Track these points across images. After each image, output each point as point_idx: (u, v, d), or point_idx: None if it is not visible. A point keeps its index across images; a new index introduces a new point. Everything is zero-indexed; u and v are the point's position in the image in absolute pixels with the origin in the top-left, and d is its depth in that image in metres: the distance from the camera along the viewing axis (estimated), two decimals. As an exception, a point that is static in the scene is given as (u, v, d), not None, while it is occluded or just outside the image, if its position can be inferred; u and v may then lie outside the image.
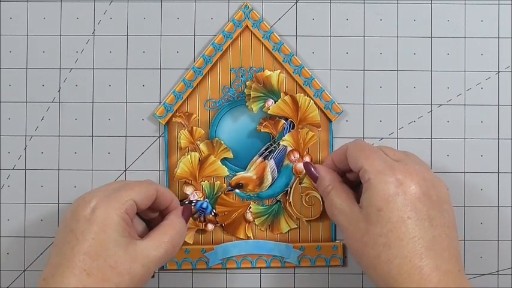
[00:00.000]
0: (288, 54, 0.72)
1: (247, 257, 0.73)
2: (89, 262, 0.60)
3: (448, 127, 0.74)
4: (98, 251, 0.60)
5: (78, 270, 0.60)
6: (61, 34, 0.74)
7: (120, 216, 0.62)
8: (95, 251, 0.60)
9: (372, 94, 0.74)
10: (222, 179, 0.73)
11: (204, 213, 0.72)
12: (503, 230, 0.73)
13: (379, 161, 0.63)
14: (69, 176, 0.74)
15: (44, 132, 0.74)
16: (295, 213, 0.73)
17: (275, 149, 0.72)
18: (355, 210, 0.64)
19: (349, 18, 0.74)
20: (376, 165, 0.63)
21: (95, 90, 0.74)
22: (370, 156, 0.64)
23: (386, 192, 0.61)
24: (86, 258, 0.60)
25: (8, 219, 0.74)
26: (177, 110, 0.73)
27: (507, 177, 0.73)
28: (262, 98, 0.72)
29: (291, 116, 0.72)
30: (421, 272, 0.59)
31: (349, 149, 0.66)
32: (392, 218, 0.61)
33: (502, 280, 0.73)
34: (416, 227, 0.61)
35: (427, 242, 0.60)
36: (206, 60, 0.72)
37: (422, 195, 0.62)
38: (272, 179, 0.72)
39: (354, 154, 0.65)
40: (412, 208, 0.61)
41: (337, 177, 0.68)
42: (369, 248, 0.62)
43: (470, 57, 0.73)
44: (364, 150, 0.65)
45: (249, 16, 0.72)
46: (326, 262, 0.73)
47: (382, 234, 0.61)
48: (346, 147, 0.67)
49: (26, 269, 0.74)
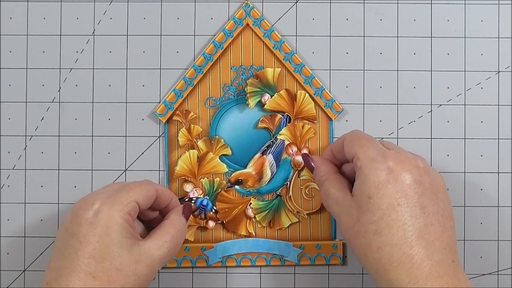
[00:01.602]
0: (289, 52, 0.72)
1: (247, 255, 0.73)
2: (94, 265, 0.60)
3: (448, 127, 0.74)
4: (102, 253, 0.60)
5: (84, 274, 0.59)
6: (61, 34, 0.74)
7: (123, 218, 0.62)
8: (100, 254, 0.60)
9: (372, 94, 0.74)
10: (221, 176, 0.73)
11: (205, 211, 0.73)
12: (503, 230, 0.73)
13: (372, 149, 0.63)
14: (69, 176, 0.74)
15: (44, 132, 0.74)
16: (296, 207, 0.73)
17: (273, 144, 0.73)
18: (347, 199, 0.64)
19: (349, 18, 0.74)
20: (369, 153, 0.63)
21: (95, 90, 0.74)
22: (364, 145, 0.64)
23: (376, 179, 0.61)
24: (91, 261, 0.60)
25: (8, 219, 0.74)
26: (178, 108, 0.73)
27: (507, 177, 0.73)
28: (259, 93, 0.72)
29: (287, 110, 0.73)
30: (412, 261, 0.59)
31: (346, 139, 0.66)
32: (382, 205, 0.60)
33: (502, 280, 0.73)
34: (406, 214, 0.60)
35: (417, 230, 0.60)
36: (207, 58, 0.72)
37: (413, 183, 0.61)
38: (271, 174, 0.72)
39: (349, 143, 0.65)
40: (402, 195, 0.61)
41: (332, 168, 0.69)
42: (360, 236, 0.61)
43: (470, 57, 0.74)
44: (359, 139, 0.65)
45: (250, 14, 0.72)
46: (326, 261, 0.73)
47: (373, 222, 0.61)
48: (343, 139, 0.67)
49: (26, 269, 0.73)
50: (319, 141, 0.73)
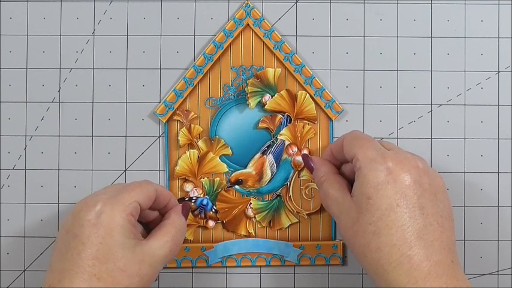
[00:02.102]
0: (289, 52, 0.72)
1: (247, 255, 0.73)
2: (98, 266, 0.60)
3: (448, 127, 0.74)
4: (106, 254, 0.60)
5: (88, 275, 0.59)
6: (61, 34, 0.74)
7: (126, 218, 0.61)
8: (104, 255, 0.60)
9: (372, 94, 0.74)
10: (221, 175, 0.73)
11: (205, 210, 0.73)
12: (503, 230, 0.73)
13: (372, 149, 0.63)
14: (69, 176, 0.74)
15: (44, 132, 0.74)
16: (296, 207, 0.73)
17: (273, 144, 0.73)
18: (347, 200, 0.64)
19: (349, 18, 0.74)
20: (368, 153, 0.63)
21: (95, 90, 0.74)
22: (363, 145, 0.64)
23: (376, 180, 0.61)
24: (95, 263, 0.60)
25: (8, 219, 0.74)
26: (178, 108, 0.73)
27: (507, 177, 0.73)
28: (259, 93, 0.72)
29: (287, 110, 0.73)
30: (411, 262, 0.59)
31: (345, 139, 0.66)
32: (381, 206, 0.60)
33: (502, 280, 0.73)
34: (405, 214, 0.60)
35: (416, 231, 0.60)
36: (207, 58, 0.72)
37: (413, 183, 0.61)
38: (271, 174, 0.72)
39: (349, 144, 0.65)
40: (401, 196, 0.61)
41: (331, 169, 0.69)
42: (359, 237, 0.61)
43: (470, 57, 0.74)
44: (359, 140, 0.65)
45: (250, 14, 0.72)
46: (326, 261, 0.73)
47: (372, 222, 0.61)
48: (342, 139, 0.67)
49: (26, 269, 0.73)
50: (320, 141, 0.73)
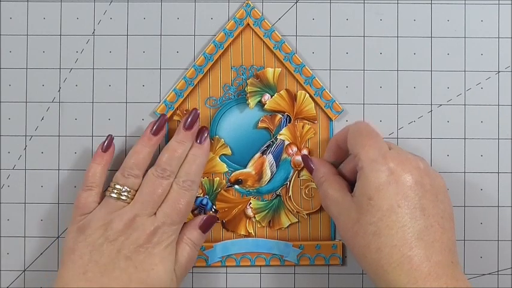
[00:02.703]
0: (289, 52, 0.72)
1: (247, 255, 0.73)
2: None
3: (448, 127, 0.74)
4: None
5: None
6: (61, 34, 0.74)
7: None
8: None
9: (372, 94, 0.74)
10: (221, 175, 0.73)
11: (204, 210, 0.73)
12: (503, 230, 0.73)
13: (373, 149, 0.63)
14: (69, 176, 0.74)
15: (44, 132, 0.74)
16: (295, 207, 0.73)
17: (273, 144, 0.73)
18: (347, 200, 0.64)
19: (349, 18, 0.74)
20: (370, 154, 0.63)
21: (95, 90, 0.74)
22: (366, 144, 0.64)
23: (377, 180, 0.61)
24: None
25: (8, 219, 0.74)
26: (178, 108, 0.73)
27: (507, 177, 0.73)
28: (259, 93, 0.72)
29: (287, 110, 0.73)
30: (411, 262, 0.59)
31: (350, 132, 0.67)
32: (382, 207, 0.61)
33: (502, 280, 0.73)
34: (406, 215, 0.60)
35: (417, 232, 0.60)
36: (207, 58, 0.72)
37: (414, 184, 0.61)
38: (271, 174, 0.72)
39: (352, 140, 0.66)
40: (403, 197, 0.61)
41: (331, 169, 0.69)
42: (360, 237, 0.61)
43: (470, 57, 0.74)
44: (362, 137, 0.65)
45: (250, 14, 0.72)
46: (325, 261, 0.73)
47: (372, 223, 0.61)
48: (347, 129, 0.67)
49: (26, 269, 0.73)
50: (319, 141, 0.73)
